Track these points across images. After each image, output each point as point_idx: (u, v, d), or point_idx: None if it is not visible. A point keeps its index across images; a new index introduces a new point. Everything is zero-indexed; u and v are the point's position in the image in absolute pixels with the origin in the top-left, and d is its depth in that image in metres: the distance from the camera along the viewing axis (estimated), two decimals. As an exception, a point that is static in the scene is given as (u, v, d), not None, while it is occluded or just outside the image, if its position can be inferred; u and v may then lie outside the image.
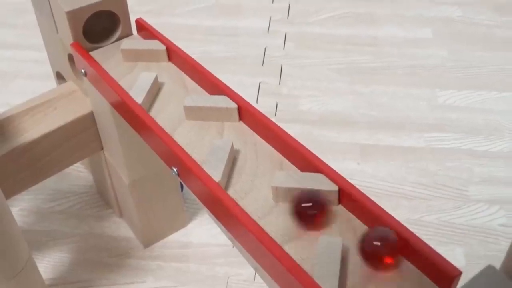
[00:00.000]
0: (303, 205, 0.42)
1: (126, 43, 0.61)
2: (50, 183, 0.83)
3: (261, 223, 0.43)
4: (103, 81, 0.57)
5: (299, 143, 0.47)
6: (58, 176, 0.76)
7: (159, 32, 0.62)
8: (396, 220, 0.40)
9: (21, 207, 0.80)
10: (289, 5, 1.23)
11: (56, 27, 0.63)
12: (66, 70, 0.68)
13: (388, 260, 0.38)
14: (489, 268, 0.33)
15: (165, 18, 1.19)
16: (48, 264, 0.74)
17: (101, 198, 0.82)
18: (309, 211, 0.41)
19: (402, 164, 0.86)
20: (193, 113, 0.53)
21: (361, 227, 0.42)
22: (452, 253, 0.73)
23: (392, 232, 0.39)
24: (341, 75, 1.03)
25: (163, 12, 1.21)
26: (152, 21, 0.64)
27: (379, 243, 0.38)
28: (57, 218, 0.79)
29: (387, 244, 0.38)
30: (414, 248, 0.39)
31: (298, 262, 0.39)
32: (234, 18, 1.19)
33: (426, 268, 0.38)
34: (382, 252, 0.38)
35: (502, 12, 1.19)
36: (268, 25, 1.17)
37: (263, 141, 0.50)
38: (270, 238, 0.40)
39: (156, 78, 0.56)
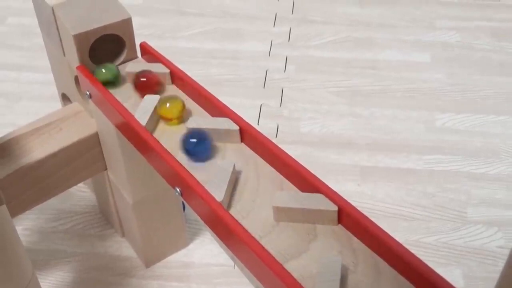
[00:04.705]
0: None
1: (131, 66, 0.63)
2: (53, 203, 0.84)
3: (263, 242, 0.44)
4: (108, 103, 0.58)
5: (299, 164, 0.48)
6: (61, 196, 0.76)
7: (163, 56, 0.63)
8: (395, 240, 0.41)
9: (24, 226, 0.81)
10: (290, 29, 1.25)
11: (63, 49, 0.65)
12: (72, 91, 0.70)
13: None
14: None
15: (167, 41, 1.21)
16: (50, 283, 0.74)
17: (104, 218, 0.83)
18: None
19: (401, 186, 0.87)
20: (196, 134, 0.54)
21: (360, 246, 0.43)
22: (451, 274, 0.74)
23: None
24: (341, 98, 1.05)
25: (165, 35, 1.23)
26: (154, 44, 0.65)
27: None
28: (60, 237, 0.80)
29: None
30: (414, 268, 0.39)
31: (299, 280, 0.40)
32: (235, 41, 1.21)
33: None
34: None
35: (499, 37, 1.21)
36: (269, 48, 1.19)
37: (264, 162, 0.51)
38: (272, 256, 0.41)
39: (159, 100, 0.58)
